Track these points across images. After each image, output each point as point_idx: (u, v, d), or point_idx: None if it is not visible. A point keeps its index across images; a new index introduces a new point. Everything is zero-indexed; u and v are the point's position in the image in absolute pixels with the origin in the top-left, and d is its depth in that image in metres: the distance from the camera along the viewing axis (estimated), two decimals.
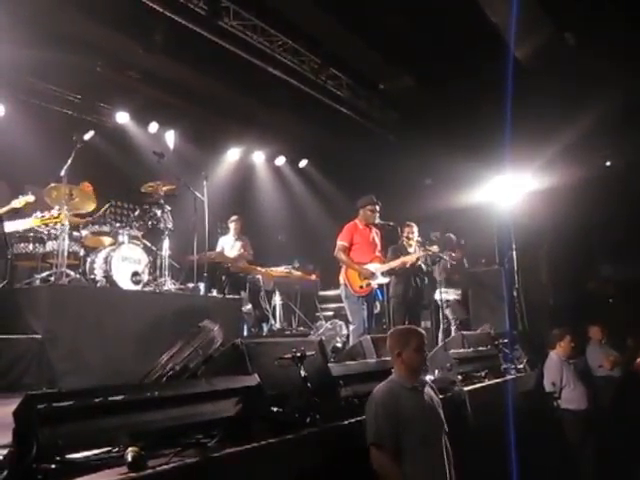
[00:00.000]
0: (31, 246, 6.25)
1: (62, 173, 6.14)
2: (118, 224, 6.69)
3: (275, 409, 2.86)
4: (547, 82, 7.86)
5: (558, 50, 7.45)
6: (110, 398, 2.22)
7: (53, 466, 1.93)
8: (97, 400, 2.17)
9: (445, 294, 7.28)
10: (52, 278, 5.82)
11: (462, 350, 5.60)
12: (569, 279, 9.13)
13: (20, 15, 6.15)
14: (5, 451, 1.91)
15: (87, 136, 6.96)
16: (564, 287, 8.88)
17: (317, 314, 8.88)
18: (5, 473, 1.75)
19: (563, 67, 7.70)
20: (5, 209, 5.81)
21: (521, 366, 6.41)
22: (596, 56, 7.50)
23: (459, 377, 4.82)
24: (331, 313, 8.78)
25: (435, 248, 6.64)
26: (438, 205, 9.54)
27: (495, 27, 6.95)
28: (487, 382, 5.32)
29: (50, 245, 6.22)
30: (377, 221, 6.43)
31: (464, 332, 6.25)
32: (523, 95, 7.11)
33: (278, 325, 8.29)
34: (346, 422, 3.19)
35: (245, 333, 7.16)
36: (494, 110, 7.27)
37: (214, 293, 7.31)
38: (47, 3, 6.24)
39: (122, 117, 8.53)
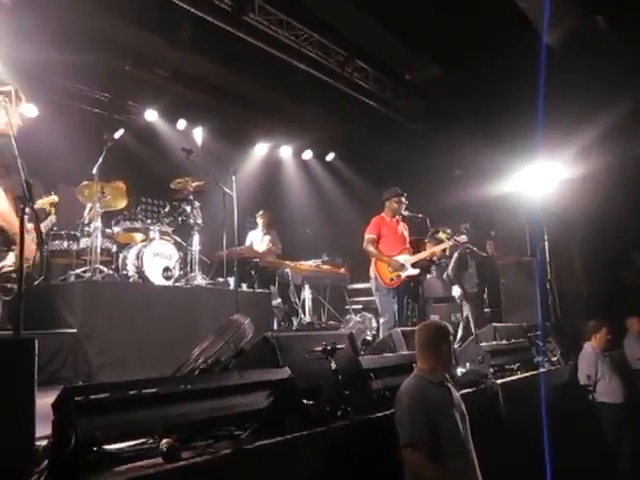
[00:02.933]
0: (65, 243, 6.40)
1: (94, 171, 6.26)
2: (149, 220, 6.79)
3: (306, 402, 2.86)
4: (579, 67, 7.66)
5: (590, 34, 7.26)
6: (145, 391, 2.25)
7: (91, 457, 1.97)
8: (132, 392, 2.21)
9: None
10: (86, 274, 5.95)
11: (494, 342, 5.52)
12: (603, 269, 8.91)
13: (50, 18, 6.28)
14: (45, 442, 1.96)
15: (117, 134, 7.05)
16: (598, 278, 8.68)
17: (346, 307, 8.88)
18: (45, 463, 1.80)
19: (595, 52, 7.50)
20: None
21: (555, 359, 6.29)
22: (629, 40, 7.28)
23: (491, 370, 4.75)
24: (360, 306, 8.77)
25: (463, 238, 6.56)
26: (468, 196, 9.42)
27: (524, 11, 6.80)
28: (520, 375, 5.24)
29: (84, 242, 6.35)
30: (405, 213, 6.40)
31: (495, 324, 6.16)
32: (554, 81, 6.95)
33: (307, 319, 8.31)
34: (377, 415, 3.18)
35: (275, 327, 7.21)
36: (524, 97, 7.13)
37: (244, 288, 7.37)
38: (76, 5, 6.35)
39: (151, 115, 8.66)
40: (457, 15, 7.07)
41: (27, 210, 2.73)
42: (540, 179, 8.48)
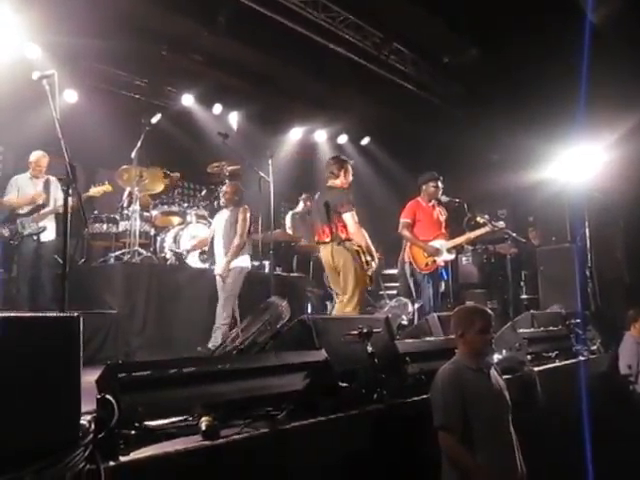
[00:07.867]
0: (105, 226, 6.56)
1: (132, 155, 6.37)
2: (186, 204, 6.89)
3: (342, 384, 2.87)
4: (624, 47, 7.38)
5: (637, 12, 6.97)
6: (184, 369, 2.29)
7: (133, 432, 2.01)
8: (172, 371, 2.24)
9: None
10: (125, 257, 6.08)
11: (532, 330, 5.42)
12: None
13: (88, 4, 6.35)
14: (89, 417, 2.01)
15: (154, 119, 7.13)
16: None
17: (381, 292, 8.85)
18: (90, 437, 1.85)
19: None
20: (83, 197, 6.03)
21: (594, 347, 6.15)
22: None
23: (528, 357, 4.68)
24: (394, 292, 8.71)
25: (501, 224, 6.44)
26: (505, 182, 9.23)
27: None
28: (558, 363, 5.14)
29: (123, 225, 6.49)
30: (443, 198, 6.32)
31: (533, 311, 6.05)
32: (597, 63, 6.71)
33: None
34: (413, 399, 3.16)
35: (309, 311, 7.24)
36: (565, 80, 6.91)
37: (279, 271, 7.42)
38: None
39: (187, 100, 8.73)
40: None
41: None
42: (581, 163, 8.23)
